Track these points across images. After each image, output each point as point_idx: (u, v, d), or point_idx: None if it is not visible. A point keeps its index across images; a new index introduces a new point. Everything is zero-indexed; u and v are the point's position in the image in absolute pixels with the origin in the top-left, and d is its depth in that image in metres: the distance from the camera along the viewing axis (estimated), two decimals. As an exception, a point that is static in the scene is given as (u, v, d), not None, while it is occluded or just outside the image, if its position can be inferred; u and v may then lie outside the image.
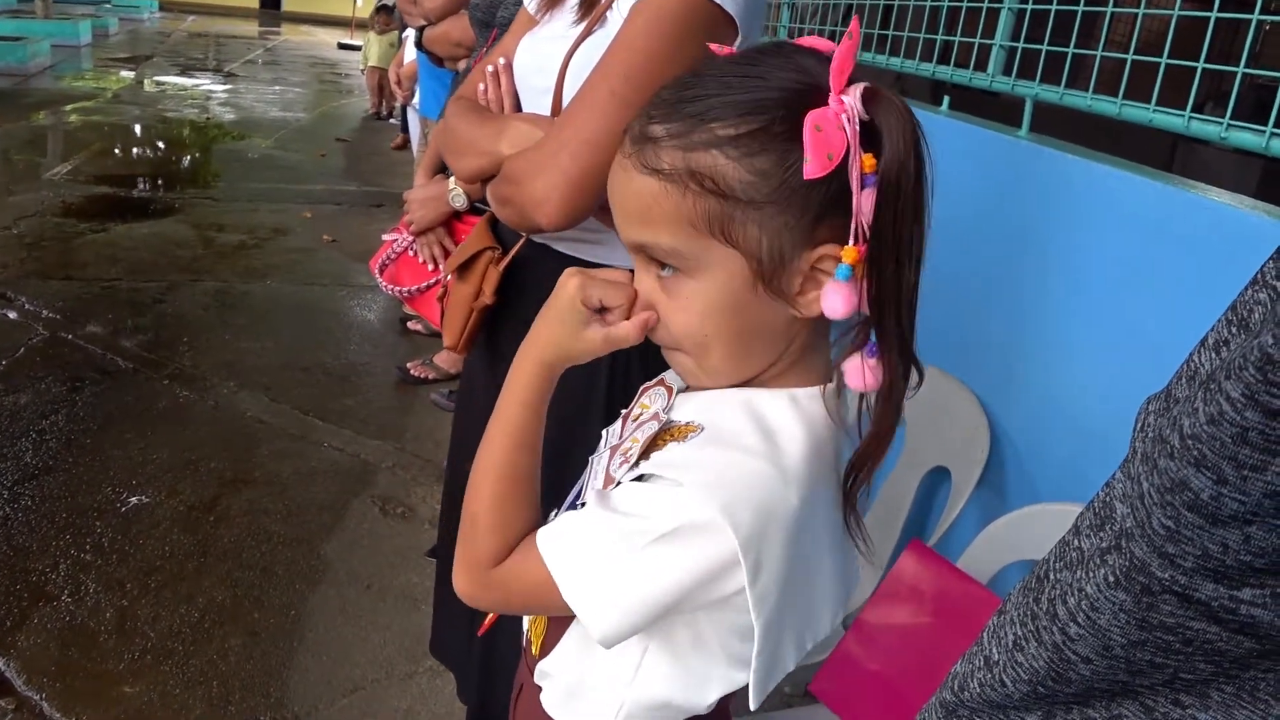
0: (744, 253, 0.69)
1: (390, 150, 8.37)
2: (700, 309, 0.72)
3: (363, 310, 4.47)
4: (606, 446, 0.84)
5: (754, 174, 0.67)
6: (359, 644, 2.20)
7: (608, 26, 1.18)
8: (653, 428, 0.76)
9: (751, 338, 0.73)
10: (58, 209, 5.50)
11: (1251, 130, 1.32)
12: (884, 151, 0.65)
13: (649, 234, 0.71)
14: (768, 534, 0.68)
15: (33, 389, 3.29)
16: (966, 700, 0.54)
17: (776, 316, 0.72)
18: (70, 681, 2.00)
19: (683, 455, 0.72)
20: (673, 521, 0.68)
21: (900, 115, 0.66)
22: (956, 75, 2.02)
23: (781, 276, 0.69)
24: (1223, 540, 0.39)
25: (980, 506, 1.72)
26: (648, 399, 0.83)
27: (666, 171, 0.69)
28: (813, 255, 0.69)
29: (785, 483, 0.69)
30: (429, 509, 2.77)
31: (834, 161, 0.64)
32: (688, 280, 0.72)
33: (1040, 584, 0.51)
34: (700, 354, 0.75)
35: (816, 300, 0.70)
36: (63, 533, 2.51)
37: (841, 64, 0.65)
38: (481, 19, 2.26)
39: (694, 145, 0.68)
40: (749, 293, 0.70)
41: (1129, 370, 1.45)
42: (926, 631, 1.54)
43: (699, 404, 0.77)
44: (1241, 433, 0.37)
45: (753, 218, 0.67)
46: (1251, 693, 0.42)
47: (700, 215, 0.68)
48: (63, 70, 11.35)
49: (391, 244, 1.84)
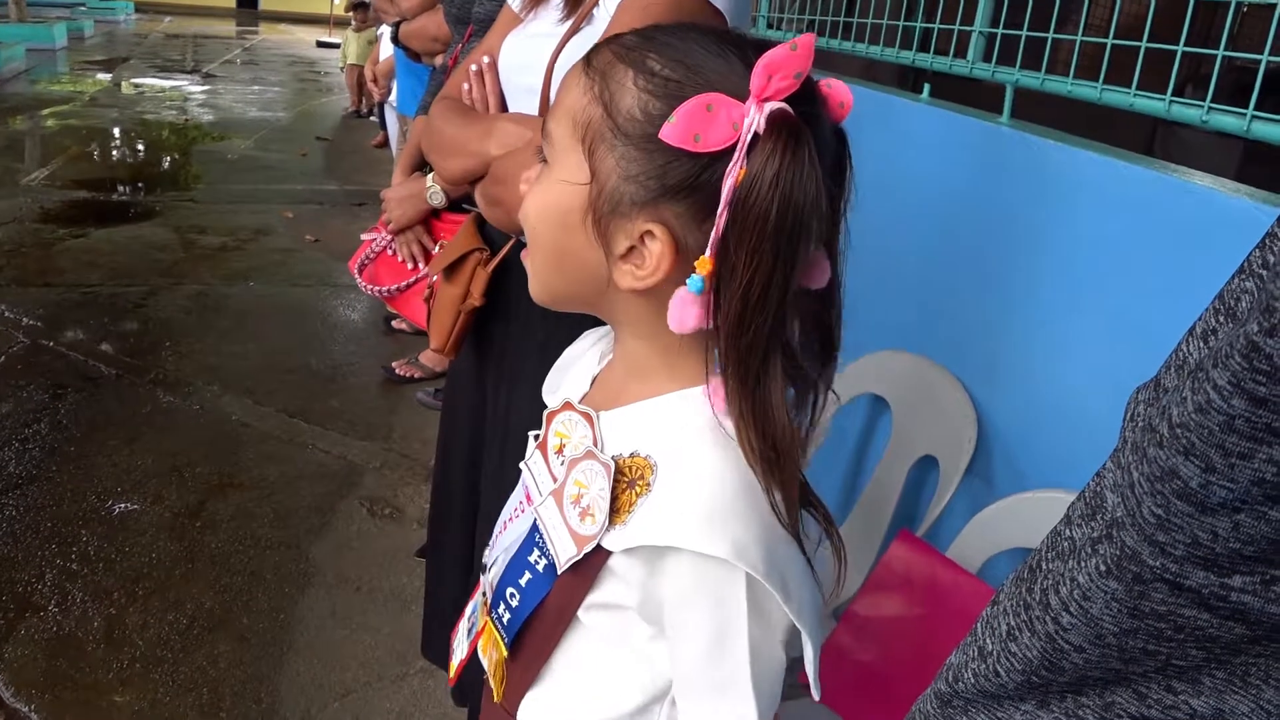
0: (593, 172, 0.69)
1: (371, 148, 8.33)
2: (543, 200, 0.73)
3: (346, 310, 4.45)
4: (537, 484, 0.81)
5: (642, 112, 0.67)
6: (350, 647, 2.19)
7: (594, 24, 1.17)
8: (597, 471, 0.72)
9: (565, 260, 0.73)
10: (35, 215, 5.45)
11: (1233, 114, 1.32)
12: (746, 172, 0.62)
13: (551, 114, 0.73)
14: (772, 545, 0.67)
15: (14, 397, 3.26)
16: (961, 691, 0.55)
17: (593, 261, 0.71)
18: (59, 692, 1.99)
19: (661, 512, 0.69)
20: (721, 606, 0.68)
21: (781, 158, 0.62)
22: (936, 62, 2.01)
23: (610, 224, 0.69)
24: (1212, 528, 0.39)
25: (969, 495, 1.72)
26: (562, 426, 0.79)
27: (593, 65, 0.71)
28: (644, 225, 0.67)
29: (752, 483, 0.68)
30: (417, 509, 2.76)
31: (697, 145, 0.63)
32: (548, 173, 0.73)
33: (1033, 574, 0.51)
34: (533, 248, 0.76)
35: (630, 275, 0.69)
36: (48, 542, 2.49)
37: (770, 67, 0.63)
38: (456, 15, 2.24)
39: (625, 59, 0.69)
40: (579, 217, 0.70)
41: (1115, 356, 1.45)
42: (917, 621, 1.54)
43: (627, 427, 0.75)
44: (1229, 421, 0.37)
45: (616, 149, 0.68)
46: (1243, 678, 0.43)
47: (584, 118, 0.69)
48: (38, 74, 11.25)
49: (370, 243, 1.83)
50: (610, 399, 0.78)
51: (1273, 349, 0.35)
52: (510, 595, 0.79)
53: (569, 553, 0.73)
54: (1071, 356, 1.54)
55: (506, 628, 0.80)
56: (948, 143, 1.92)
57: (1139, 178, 1.44)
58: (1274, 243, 0.40)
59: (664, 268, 0.68)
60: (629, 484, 0.71)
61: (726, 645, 0.69)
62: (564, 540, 0.74)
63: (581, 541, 0.72)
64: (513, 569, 0.80)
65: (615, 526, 0.70)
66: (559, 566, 0.74)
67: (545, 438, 0.82)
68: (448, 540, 1.62)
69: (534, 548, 0.78)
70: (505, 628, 0.80)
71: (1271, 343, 0.35)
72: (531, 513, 0.79)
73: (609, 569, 0.72)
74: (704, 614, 0.69)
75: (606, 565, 0.72)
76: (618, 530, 0.70)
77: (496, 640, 0.82)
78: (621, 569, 0.72)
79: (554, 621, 0.77)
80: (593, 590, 0.74)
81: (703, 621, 0.69)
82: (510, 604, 0.80)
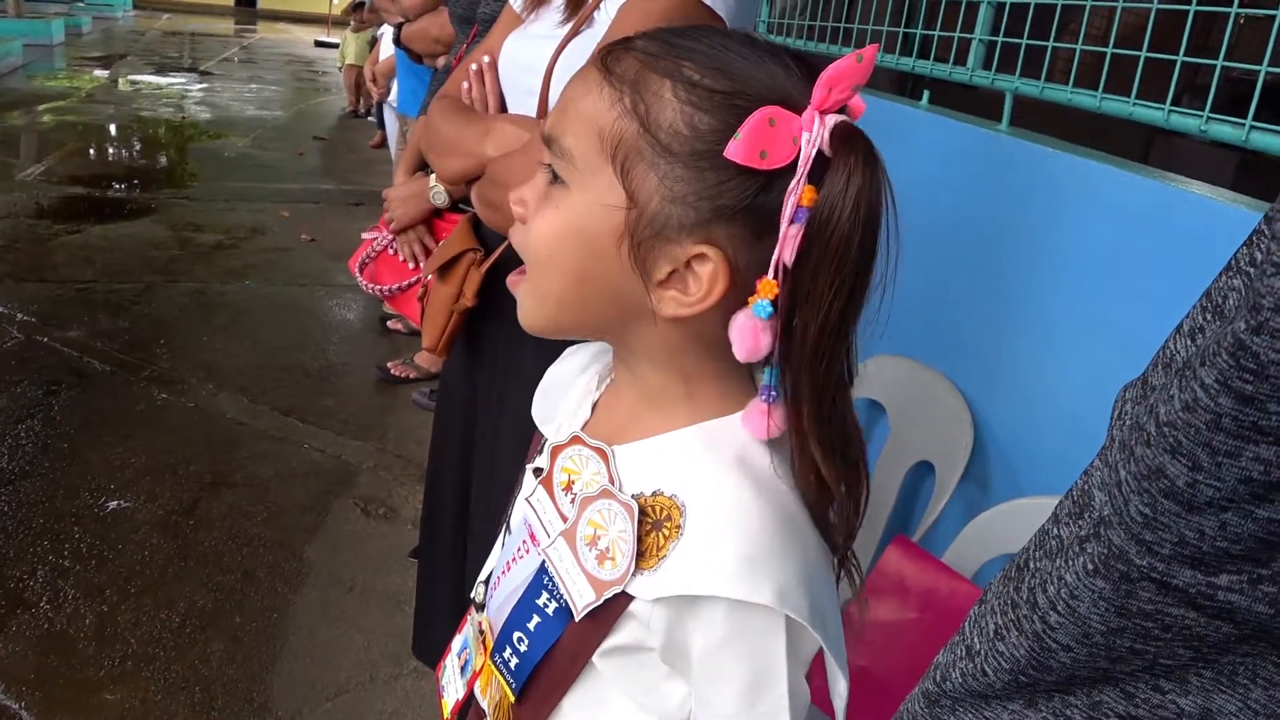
0: (630, 195, 0.63)
1: (368, 148, 8.32)
2: (561, 224, 0.66)
3: (342, 310, 4.45)
4: (543, 523, 0.75)
5: (688, 125, 0.61)
6: (343, 646, 2.19)
7: (595, 26, 1.17)
8: (617, 512, 0.67)
9: (591, 289, 0.67)
10: (31, 210, 5.44)
11: (1231, 123, 1.33)
12: (822, 192, 0.59)
13: (562, 125, 0.66)
14: (814, 589, 0.64)
15: (8, 393, 3.25)
16: (949, 690, 0.54)
17: (627, 288, 0.65)
18: (50, 689, 1.98)
19: (698, 558, 0.64)
20: (760, 651, 0.64)
21: (862, 174, 0.59)
22: (936, 70, 2.02)
23: (652, 249, 0.63)
24: (1199, 527, 0.39)
25: (964, 501, 1.72)
26: (570, 462, 0.73)
27: (616, 74, 0.64)
28: (693, 249, 0.62)
29: (788, 518, 0.65)
30: (411, 509, 2.76)
31: (763, 162, 0.59)
32: (566, 193, 0.66)
33: (1020, 573, 0.51)
34: (539, 274, 0.69)
35: (674, 302, 0.64)
36: (40, 538, 2.48)
37: (833, 79, 0.60)
38: (462, 15, 2.24)
39: (656, 67, 0.63)
40: (612, 242, 0.64)
41: (1112, 363, 1.45)
42: (912, 627, 1.54)
43: (645, 463, 0.69)
44: (1216, 419, 0.37)
45: (659, 167, 0.62)
46: (1230, 677, 0.43)
47: (613, 132, 0.63)
48: (35, 70, 11.22)
49: (371, 242, 1.83)
50: (619, 431, 0.73)
51: (1260, 347, 0.35)
52: (518, 640, 0.75)
53: (587, 599, 0.68)
54: (1068, 363, 1.54)
55: (514, 673, 0.75)
56: (947, 150, 1.92)
57: (1137, 185, 1.45)
58: (1261, 240, 0.40)
59: (717, 292, 0.63)
60: (654, 525, 0.66)
61: (764, 687, 0.65)
62: (580, 585, 0.68)
63: (601, 587, 0.67)
64: (519, 613, 0.75)
65: (643, 572, 0.65)
66: (576, 613, 0.69)
67: (550, 473, 0.75)
68: (440, 541, 1.62)
69: (542, 590, 0.73)
70: (513, 673, 0.76)
71: (1258, 341, 0.35)
72: (537, 554, 0.74)
73: (630, 613, 0.67)
74: (742, 658, 0.64)
75: (628, 610, 0.67)
76: (646, 576, 0.65)
77: (502, 684, 0.77)
78: (644, 613, 0.66)
79: (566, 666, 0.72)
80: (610, 635, 0.69)
81: (740, 666, 0.64)
82: (518, 649, 0.75)
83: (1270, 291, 0.35)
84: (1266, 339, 0.35)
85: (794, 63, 0.64)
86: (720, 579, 0.62)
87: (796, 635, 0.64)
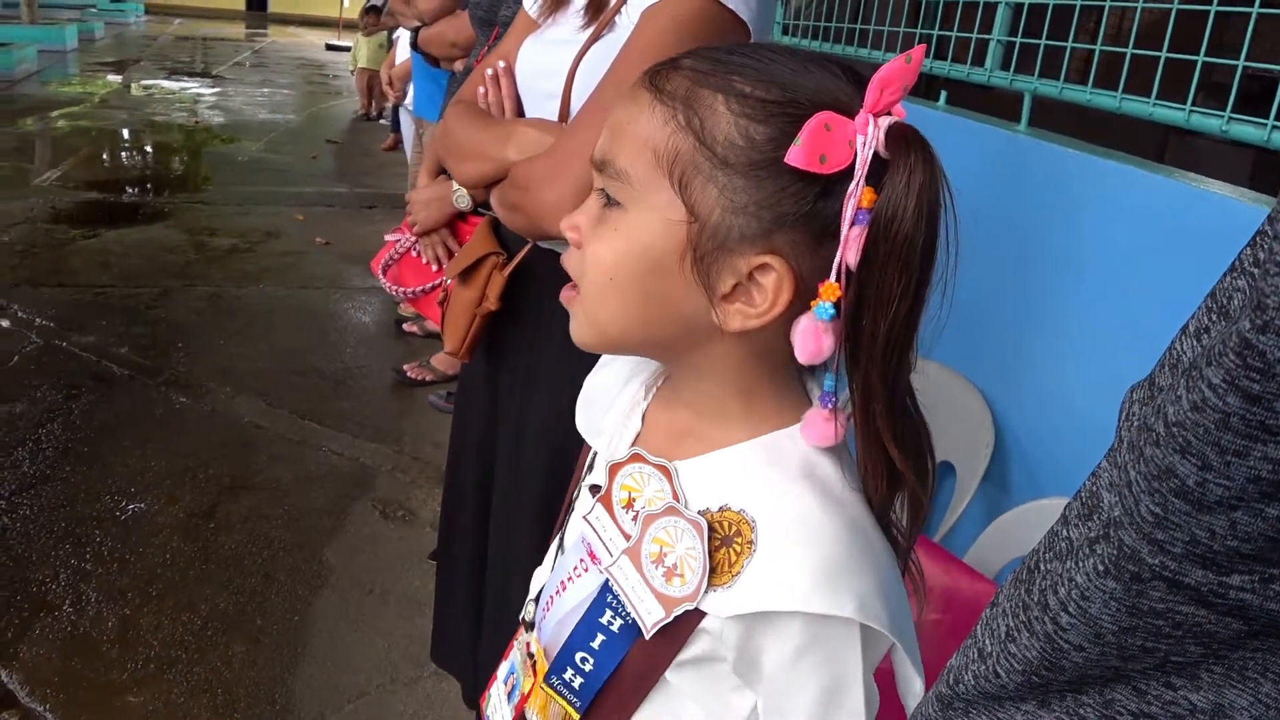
0: (690, 210, 0.63)
1: (381, 151, 8.35)
2: (620, 247, 0.66)
3: (357, 312, 4.46)
4: (603, 541, 0.74)
5: (744, 137, 0.62)
6: (363, 649, 2.20)
7: (616, 31, 1.17)
8: (684, 529, 0.67)
9: (654, 308, 0.67)
10: (47, 215, 5.48)
11: (1252, 123, 1.32)
12: (883, 193, 0.60)
13: (614, 148, 0.67)
14: (889, 595, 0.64)
15: (28, 397, 3.27)
16: (961, 693, 0.55)
17: (691, 304, 0.66)
18: (74, 692, 1.99)
19: (775, 574, 0.64)
20: (837, 660, 0.64)
21: (922, 171, 0.60)
22: (954, 70, 2.02)
23: (715, 262, 0.64)
24: (1210, 526, 0.39)
25: (985, 502, 1.72)
26: (631, 479, 0.73)
27: (666, 92, 0.65)
28: (756, 259, 0.63)
29: (858, 527, 0.65)
30: (430, 512, 2.77)
31: (823, 166, 0.60)
32: (623, 215, 0.66)
33: (1031, 575, 0.52)
34: (596, 298, 0.69)
35: (740, 315, 0.65)
36: (62, 542, 2.50)
37: (884, 81, 0.61)
38: (483, 17, 2.25)
39: (706, 83, 0.64)
40: (674, 259, 0.65)
41: (1132, 363, 1.44)
42: (934, 627, 1.54)
43: (709, 478, 0.69)
44: (1224, 419, 0.37)
45: (718, 180, 0.62)
46: (1241, 672, 0.43)
47: (668, 150, 0.63)
48: (49, 76, 11.30)
49: (394, 244, 1.84)
50: (675, 445, 0.73)
51: (1266, 346, 0.36)
52: (582, 660, 0.74)
53: (656, 616, 0.67)
54: (1088, 364, 1.54)
55: (579, 692, 0.75)
56: (965, 150, 1.92)
57: (1156, 185, 1.45)
58: (1265, 240, 0.40)
59: (783, 301, 0.63)
60: (723, 541, 0.66)
61: (841, 696, 0.65)
62: (648, 603, 0.68)
63: (671, 604, 0.67)
64: (582, 632, 0.74)
65: (717, 588, 0.65)
66: (645, 631, 0.68)
67: (610, 491, 0.74)
68: (458, 544, 1.62)
69: (606, 609, 0.72)
70: (577, 692, 0.75)
71: (1264, 339, 0.36)
72: (597, 571, 0.74)
73: (702, 628, 0.67)
74: (819, 668, 0.65)
75: (700, 625, 0.67)
76: (721, 592, 0.65)
77: (564, 705, 0.76)
78: (716, 628, 0.67)
79: (636, 683, 0.72)
80: (683, 650, 0.69)
81: (818, 675, 0.65)
82: (583, 668, 0.74)
83: (1275, 290, 0.36)
84: (1273, 337, 0.35)
85: (839, 69, 0.65)
86: (799, 594, 0.62)
87: (871, 641, 0.65)
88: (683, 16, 1.09)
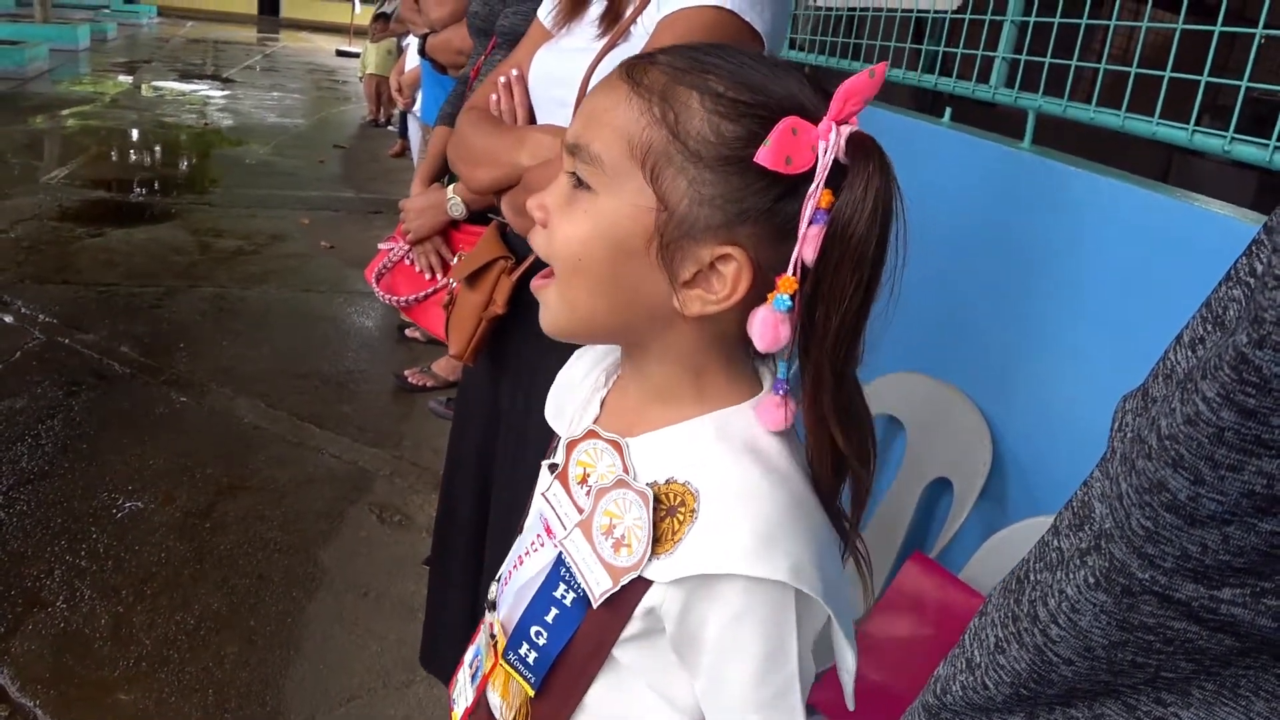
0: (660, 199, 0.67)
1: (388, 157, 8.37)
2: (589, 228, 0.70)
3: (360, 317, 4.47)
4: (558, 515, 0.77)
5: (715, 134, 0.66)
6: (356, 652, 2.19)
7: (632, 40, 1.17)
8: (632, 500, 0.70)
9: (620, 290, 0.70)
10: (54, 213, 5.49)
11: (1254, 144, 1.32)
12: (841, 196, 0.64)
13: (588, 134, 0.70)
14: (824, 566, 0.67)
15: (29, 393, 3.28)
16: (949, 703, 0.54)
17: (653, 289, 0.69)
18: (65, 689, 1.99)
19: (714, 538, 0.67)
20: (773, 626, 0.67)
21: (879, 178, 0.64)
22: (959, 87, 2.02)
23: (680, 250, 0.67)
24: (1201, 540, 0.39)
25: (982, 518, 1.71)
26: (585, 455, 0.77)
27: (644, 85, 0.68)
28: (719, 249, 0.67)
29: (799, 499, 0.69)
30: (426, 517, 2.76)
31: (788, 167, 0.63)
32: (594, 198, 0.69)
33: (1020, 585, 0.51)
34: (567, 279, 0.72)
35: (699, 300, 0.68)
36: (58, 538, 2.49)
37: (849, 92, 0.64)
38: (480, 27, 2.25)
39: (682, 79, 0.67)
40: (640, 244, 0.68)
41: (1132, 382, 1.44)
42: (929, 643, 1.53)
43: (657, 453, 0.73)
44: (1218, 433, 0.37)
45: (688, 172, 0.66)
46: (1233, 689, 0.43)
47: (642, 141, 0.67)
48: (60, 75, 11.34)
49: (388, 253, 1.84)
50: (628, 424, 0.77)
51: (1262, 360, 0.35)
52: (536, 634, 0.77)
53: (603, 586, 0.70)
54: (1088, 382, 1.54)
55: (534, 667, 0.77)
56: (969, 167, 1.92)
57: (1158, 204, 1.45)
58: (1261, 251, 0.40)
59: (741, 290, 0.67)
60: (668, 511, 0.69)
61: (776, 663, 0.68)
62: (597, 573, 0.71)
63: (618, 574, 0.70)
64: (536, 606, 0.77)
65: (660, 556, 0.68)
66: (594, 600, 0.71)
67: (566, 467, 0.78)
68: (452, 550, 1.62)
69: (559, 582, 0.75)
70: (532, 667, 0.77)
71: (1260, 354, 0.35)
72: (553, 546, 0.77)
73: (647, 599, 0.70)
74: (756, 635, 0.67)
75: (645, 596, 0.70)
76: (663, 560, 0.68)
77: (520, 682, 0.79)
78: (658, 599, 0.69)
79: (588, 657, 0.74)
80: (629, 624, 0.71)
81: (754, 642, 0.67)
82: (537, 642, 0.77)
83: (1272, 305, 0.35)
84: (1269, 353, 0.35)
85: (805, 79, 0.69)
86: (736, 557, 0.65)
87: (805, 611, 0.68)
88: (699, 26, 1.09)
